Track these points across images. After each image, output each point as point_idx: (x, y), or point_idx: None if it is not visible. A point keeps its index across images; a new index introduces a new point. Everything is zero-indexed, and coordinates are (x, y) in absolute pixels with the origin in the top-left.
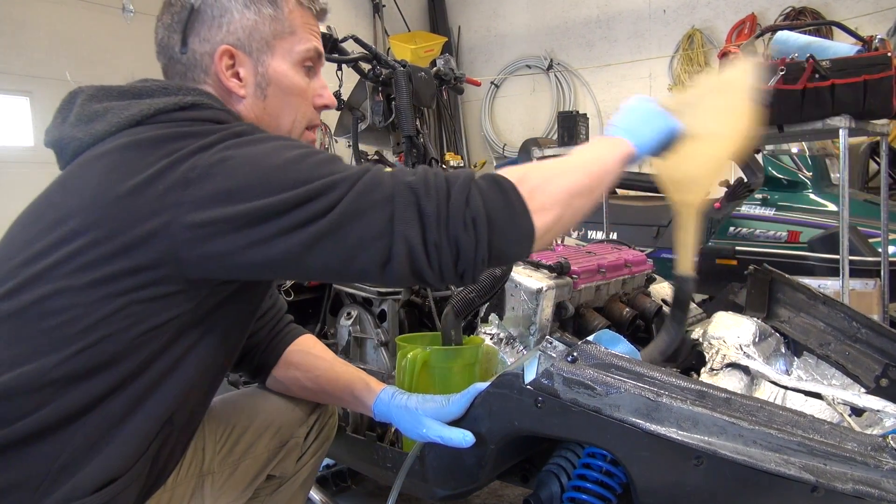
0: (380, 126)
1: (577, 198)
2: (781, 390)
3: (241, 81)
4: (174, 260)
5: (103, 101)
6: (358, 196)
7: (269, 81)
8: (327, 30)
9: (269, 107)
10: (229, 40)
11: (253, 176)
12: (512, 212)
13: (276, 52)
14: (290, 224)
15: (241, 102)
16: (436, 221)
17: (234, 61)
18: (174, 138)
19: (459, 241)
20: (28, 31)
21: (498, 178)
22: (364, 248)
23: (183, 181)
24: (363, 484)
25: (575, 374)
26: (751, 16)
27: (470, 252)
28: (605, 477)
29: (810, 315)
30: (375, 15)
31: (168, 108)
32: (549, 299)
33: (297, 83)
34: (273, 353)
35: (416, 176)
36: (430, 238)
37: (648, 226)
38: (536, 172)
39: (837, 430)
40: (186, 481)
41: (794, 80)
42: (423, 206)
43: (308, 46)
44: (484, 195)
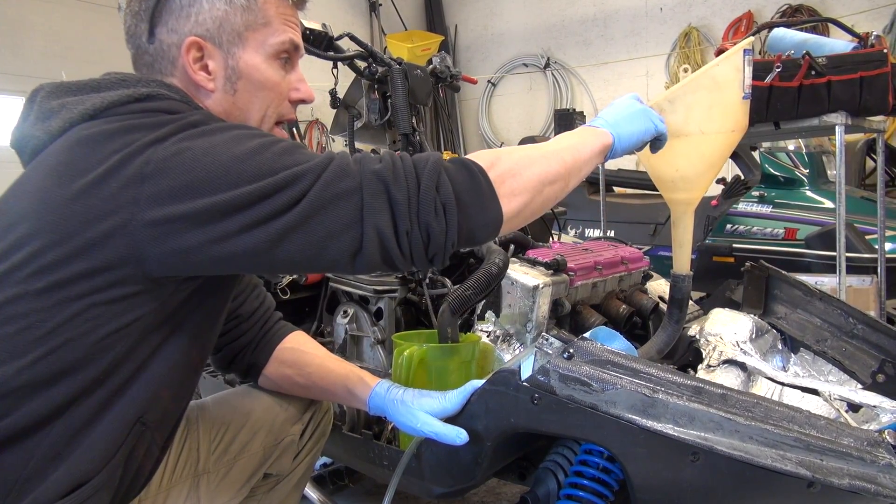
0: (376, 124)
1: (549, 185)
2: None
3: (210, 75)
4: (134, 259)
5: (61, 97)
6: (325, 187)
7: (239, 75)
8: (323, 27)
9: (238, 101)
10: (198, 31)
11: (212, 169)
12: (481, 196)
13: (248, 45)
14: (254, 219)
15: (210, 97)
16: (406, 209)
17: (203, 53)
18: (125, 131)
19: (430, 227)
20: (25, 30)
21: (467, 162)
22: (334, 239)
23: (138, 177)
24: (360, 482)
25: (571, 370)
26: (747, 13)
27: (440, 237)
28: (601, 474)
29: (807, 311)
30: (372, 13)
31: (121, 101)
32: (545, 296)
33: (269, 77)
34: (263, 353)
35: (383, 163)
36: (400, 226)
37: (646, 223)
38: (508, 157)
39: (834, 426)
40: (181, 482)
41: (791, 77)
42: (392, 195)
43: (283, 39)
44: (453, 180)
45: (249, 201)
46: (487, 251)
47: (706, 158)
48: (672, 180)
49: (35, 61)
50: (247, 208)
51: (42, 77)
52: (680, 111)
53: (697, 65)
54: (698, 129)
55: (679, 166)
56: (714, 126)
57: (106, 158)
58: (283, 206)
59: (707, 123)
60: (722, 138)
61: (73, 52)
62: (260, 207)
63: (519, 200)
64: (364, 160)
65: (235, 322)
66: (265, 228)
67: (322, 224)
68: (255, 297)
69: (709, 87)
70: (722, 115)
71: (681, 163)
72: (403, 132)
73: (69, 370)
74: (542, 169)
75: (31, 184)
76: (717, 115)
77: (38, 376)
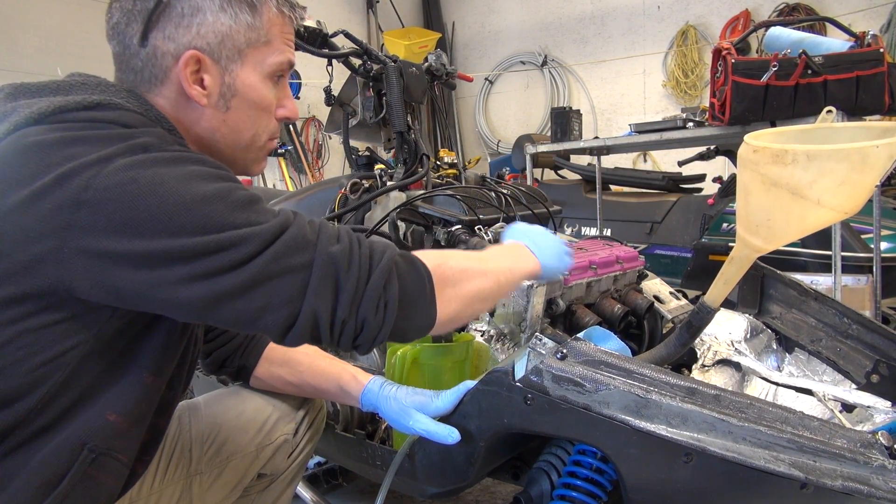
0: (371, 122)
1: (480, 302)
2: (772, 386)
3: (205, 90)
4: (63, 287)
5: (17, 99)
6: (274, 258)
7: (234, 92)
8: (317, 24)
9: (230, 119)
10: (198, 44)
11: (156, 210)
12: (422, 301)
13: (246, 62)
14: (192, 273)
15: (200, 112)
16: (349, 299)
17: (200, 67)
18: (65, 143)
19: (366, 320)
20: (19, 26)
21: (417, 262)
22: (271, 311)
23: (74, 201)
24: (354, 482)
25: (564, 370)
26: (744, 12)
27: (373, 332)
28: (594, 474)
29: (802, 311)
30: (369, 10)
31: (69, 107)
32: (539, 296)
33: (264, 97)
34: (253, 354)
35: (340, 245)
36: (339, 314)
37: (642, 222)
38: (454, 265)
39: (827, 427)
40: (173, 483)
41: (787, 76)
42: (340, 282)
43: (282, 59)
44: (402, 279)
45: (189, 254)
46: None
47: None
48: (758, 224)
49: (30, 57)
50: (186, 261)
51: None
52: (811, 172)
53: (695, 63)
54: (818, 198)
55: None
56: (834, 202)
57: (41, 172)
58: (225, 265)
59: (830, 197)
60: (831, 216)
61: (69, 49)
62: (201, 262)
63: (453, 309)
64: (322, 234)
65: None
66: (202, 285)
67: (263, 295)
68: None
69: (854, 163)
70: (848, 196)
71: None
72: (398, 130)
73: (5, 400)
74: (479, 285)
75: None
76: (844, 192)
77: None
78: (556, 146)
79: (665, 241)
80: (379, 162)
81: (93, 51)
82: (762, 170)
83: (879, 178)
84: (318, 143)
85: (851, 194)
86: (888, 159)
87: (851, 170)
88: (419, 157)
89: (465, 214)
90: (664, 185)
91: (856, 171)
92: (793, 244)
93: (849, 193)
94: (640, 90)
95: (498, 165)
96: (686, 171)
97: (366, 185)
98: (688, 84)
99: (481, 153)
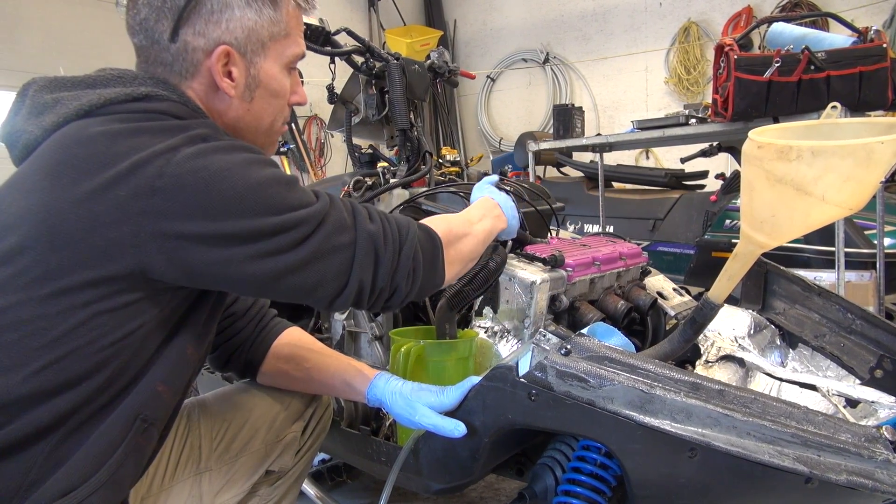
0: (373, 119)
1: (472, 262)
2: (776, 382)
3: (233, 82)
4: (139, 270)
5: (54, 92)
6: (326, 237)
7: (258, 83)
8: (320, 22)
9: (253, 108)
10: (227, 39)
11: (228, 194)
12: (437, 267)
13: (269, 55)
14: (260, 251)
15: (227, 102)
16: (388, 271)
17: (229, 60)
18: (130, 134)
19: (399, 287)
20: (22, 25)
21: (432, 233)
22: (325, 285)
23: (149, 189)
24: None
25: (568, 366)
26: (747, 8)
27: (401, 296)
28: (599, 470)
29: (805, 307)
30: (371, 9)
31: (119, 99)
32: (543, 292)
33: (284, 86)
34: (259, 350)
35: (374, 224)
36: (378, 283)
37: (645, 219)
38: (456, 230)
39: (831, 422)
40: (183, 480)
41: (790, 71)
42: (379, 255)
43: (299, 51)
44: (423, 250)
45: (260, 234)
46: None
47: (807, 221)
48: (762, 220)
49: (32, 56)
50: (255, 240)
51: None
52: (816, 168)
53: (697, 60)
54: (822, 194)
55: (778, 214)
56: (839, 198)
57: (112, 162)
58: (287, 245)
59: (834, 193)
60: (835, 212)
61: (70, 48)
62: (268, 242)
63: (456, 269)
64: (358, 215)
65: (230, 320)
66: (268, 262)
67: (318, 271)
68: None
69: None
70: (853, 192)
71: (782, 212)
72: (401, 127)
73: (75, 380)
74: (471, 246)
75: (28, 182)
76: (849, 189)
77: (43, 386)
78: (559, 143)
79: (667, 238)
80: (382, 159)
81: (94, 49)
82: (767, 166)
83: (884, 174)
84: (320, 142)
85: (856, 190)
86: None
87: (856, 166)
88: (422, 154)
89: None
90: (667, 182)
91: (861, 168)
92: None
93: (853, 189)
94: (642, 87)
95: (500, 163)
96: (688, 167)
97: (369, 183)
98: (690, 81)
99: (483, 151)
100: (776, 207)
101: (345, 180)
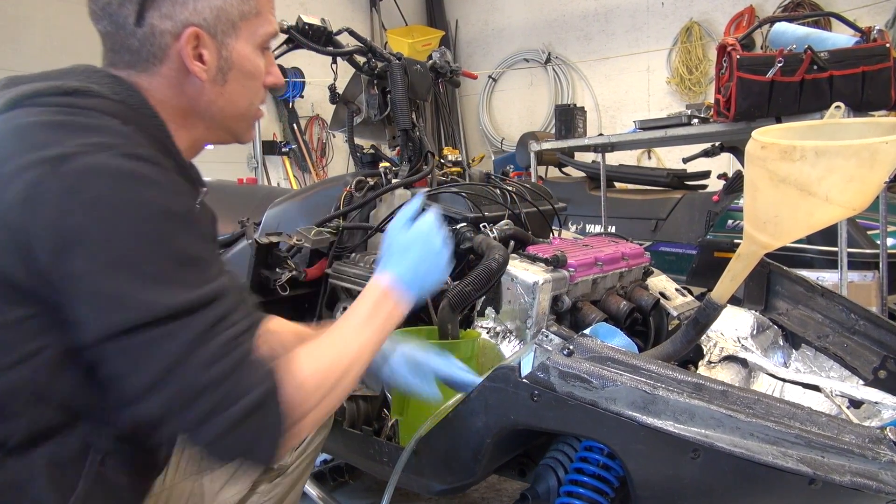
0: (375, 120)
1: (346, 394)
2: (779, 383)
3: (205, 65)
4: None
5: (10, 87)
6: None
7: (231, 66)
8: (322, 22)
9: (227, 91)
10: (195, 20)
11: (89, 229)
12: (260, 451)
13: (240, 35)
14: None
15: (196, 86)
16: (188, 426)
17: (199, 43)
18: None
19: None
20: (24, 27)
21: (278, 414)
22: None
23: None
24: (360, 479)
25: (571, 367)
26: (749, 8)
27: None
28: (601, 471)
29: (808, 307)
30: (372, 8)
31: (47, 91)
32: (545, 293)
33: (257, 66)
34: None
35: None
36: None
37: (647, 219)
38: (323, 387)
39: (835, 423)
40: (184, 479)
41: (792, 71)
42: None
43: (271, 30)
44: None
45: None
46: (487, 247)
47: (810, 221)
48: (765, 220)
49: (33, 57)
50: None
51: None
52: (820, 168)
53: (699, 60)
54: (826, 194)
55: (781, 214)
56: (843, 198)
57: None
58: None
59: (838, 193)
60: (839, 212)
61: (72, 48)
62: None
63: (301, 438)
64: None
65: None
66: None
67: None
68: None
69: (863, 159)
70: (857, 192)
71: (785, 212)
72: (403, 127)
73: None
74: (333, 401)
75: None
76: (852, 189)
77: None
78: (561, 143)
79: (670, 239)
80: (384, 160)
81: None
82: (770, 166)
83: (888, 174)
84: (321, 142)
85: (860, 191)
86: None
87: (860, 166)
88: (424, 154)
89: (470, 212)
90: (669, 182)
91: (865, 168)
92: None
93: (857, 190)
94: (644, 87)
95: (502, 163)
96: (691, 167)
97: (370, 183)
98: (692, 81)
99: (485, 151)
100: (779, 207)
101: (346, 180)
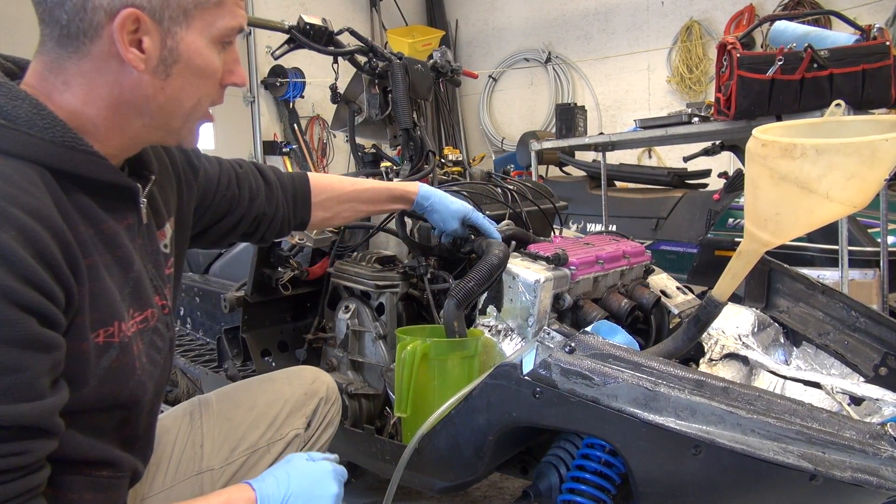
0: (376, 119)
1: None
2: (780, 380)
3: (143, 53)
4: None
5: None
6: None
7: (176, 58)
8: (322, 22)
9: (168, 87)
10: (137, 1)
11: None
12: None
13: (192, 25)
14: None
15: (132, 76)
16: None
17: (139, 27)
18: None
19: None
20: (23, 28)
21: None
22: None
23: None
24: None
25: (572, 364)
26: (749, 6)
27: None
28: (603, 467)
29: (809, 305)
30: (372, 8)
31: None
32: (546, 291)
33: (210, 63)
34: (302, 210)
35: None
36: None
37: (648, 218)
38: None
39: (836, 419)
40: (184, 479)
41: (793, 70)
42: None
43: (234, 24)
44: None
45: None
46: (487, 245)
47: (811, 219)
48: (766, 218)
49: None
50: None
51: None
52: (820, 166)
53: (699, 58)
54: (826, 191)
55: (782, 212)
56: (843, 196)
57: None
58: None
59: (838, 191)
60: (840, 210)
61: None
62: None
63: None
64: None
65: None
66: None
67: None
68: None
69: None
70: (857, 189)
71: (785, 210)
72: (404, 127)
73: None
74: None
75: None
76: (853, 186)
77: None
78: (561, 143)
79: (670, 237)
80: (385, 159)
81: None
82: (771, 164)
83: (889, 171)
84: (322, 142)
85: (860, 188)
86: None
87: (861, 164)
88: (425, 153)
89: None
90: (669, 181)
91: (865, 165)
92: (799, 238)
93: (858, 187)
94: (644, 86)
95: (502, 162)
96: (691, 166)
97: None
98: (692, 79)
99: (486, 150)
100: (780, 205)
101: None
